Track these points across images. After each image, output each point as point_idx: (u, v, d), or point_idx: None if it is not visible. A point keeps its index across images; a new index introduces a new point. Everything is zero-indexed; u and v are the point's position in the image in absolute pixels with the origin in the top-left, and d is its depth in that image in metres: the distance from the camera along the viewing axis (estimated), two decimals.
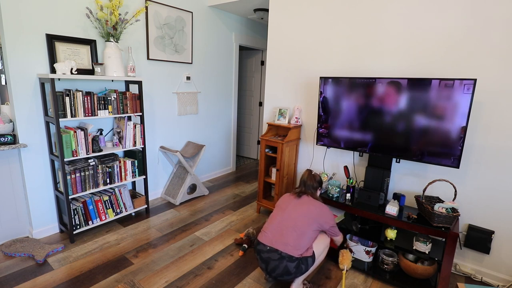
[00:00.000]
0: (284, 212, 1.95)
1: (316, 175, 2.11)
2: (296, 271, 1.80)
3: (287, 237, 1.83)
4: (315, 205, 1.95)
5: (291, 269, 1.78)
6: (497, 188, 2.07)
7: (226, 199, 3.52)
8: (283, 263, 1.78)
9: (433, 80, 1.97)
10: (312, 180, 2.07)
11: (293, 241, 1.81)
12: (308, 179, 2.07)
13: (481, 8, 1.97)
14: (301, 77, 2.95)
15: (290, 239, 1.82)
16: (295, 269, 1.79)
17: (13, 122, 2.29)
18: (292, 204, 1.96)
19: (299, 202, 1.97)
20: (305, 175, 2.10)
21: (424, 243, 2.00)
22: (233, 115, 4.43)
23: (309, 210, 1.91)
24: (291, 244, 1.80)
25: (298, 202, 1.96)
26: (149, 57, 3.06)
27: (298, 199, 1.98)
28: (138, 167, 2.87)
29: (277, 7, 3.00)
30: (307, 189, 2.04)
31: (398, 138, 2.17)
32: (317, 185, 2.08)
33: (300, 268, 1.80)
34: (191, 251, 2.41)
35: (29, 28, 2.21)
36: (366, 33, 2.47)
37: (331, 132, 2.51)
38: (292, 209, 1.93)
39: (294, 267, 1.78)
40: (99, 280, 2.03)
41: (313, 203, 1.96)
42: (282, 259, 1.78)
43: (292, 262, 1.78)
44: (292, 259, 1.78)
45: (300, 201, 1.97)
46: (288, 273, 1.79)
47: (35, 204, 2.45)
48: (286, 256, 1.78)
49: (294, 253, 1.78)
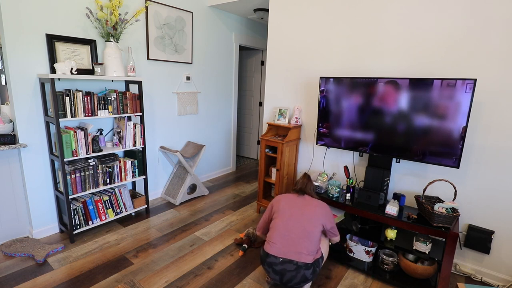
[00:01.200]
0: (290, 218, 1.87)
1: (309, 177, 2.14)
2: (313, 276, 1.81)
3: (299, 246, 1.77)
4: (319, 205, 1.94)
5: (308, 276, 1.78)
6: (497, 188, 2.07)
7: (226, 199, 3.52)
8: (301, 273, 1.75)
9: (433, 80, 1.97)
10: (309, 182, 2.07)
11: (306, 249, 1.77)
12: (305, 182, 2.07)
13: (481, 8, 1.97)
14: (301, 77, 2.95)
15: (303, 247, 1.77)
16: (312, 275, 1.79)
17: (13, 122, 2.29)
18: (297, 208, 1.91)
19: (303, 203, 1.94)
20: (301, 179, 2.10)
21: (424, 243, 2.00)
22: (233, 115, 4.43)
23: (315, 212, 1.90)
24: (305, 252, 1.77)
25: (302, 204, 1.93)
26: (149, 57, 3.06)
27: (301, 199, 1.97)
28: (138, 167, 2.87)
29: (277, 7, 3.00)
30: (307, 191, 2.03)
31: (398, 138, 2.17)
32: (315, 186, 2.16)
33: (315, 271, 1.81)
34: (191, 251, 2.41)
35: (29, 28, 2.21)
36: (366, 33, 2.47)
37: (331, 132, 2.51)
38: (298, 213, 1.88)
39: (311, 273, 1.78)
40: (99, 280, 2.03)
41: (316, 203, 1.95)
42: (299, 269, 1.75)
43: (309, 269, 1.77)
44: (308, 266, 1.76)
45: (304, 202, 1.95)
46: (306, 280, 1.80)
47: (35, 204, 2.45)
48: (302, 265, 1.75)
49: (309, 260, 1.77)
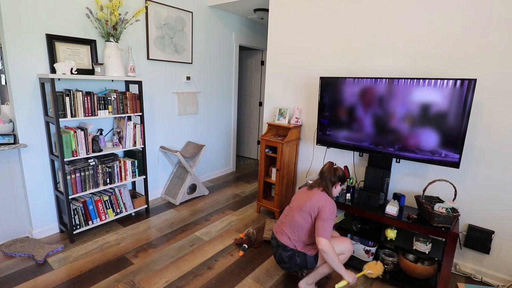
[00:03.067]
0: (291, 203, 1.98)
1: (339, 169, 1.91)
2: (290, 262, 1.84)
3: (282, 227, 1.92)
4: (318, 196, 1.82)
5: (284, 258, 1.86)
6: (497, 188, 2.06)
7: (226, 199, 3.52)
8: (279, 251, 1.89)
9: (433, 80, 1.97)
10: (330, 173, 1.89)
11: (287, 231, 1.88)
12: (326, 170, 1.91)
13: (481, 8, 1.97)
14: (301, 77, 2.95)
15: (285, 229, 1.90)
16: (288, 259, 1.84)
17: (13, 122, 2.29)
18: (299, 196, 1.93)
19: (306, 193, 1.90)
20: (325, 166, 1.94)
21: (424, 243, 2.00)
22: (233, 115, 4.43)
23: (306, 203, 1.82)
24: (285, 234, 1.89)
25: (305, 194, 1.90)
26: (149, 57, 3.06)
27: (308, 191, 1.91)
28: (138, 167, 2.87)
29: (277, 7, 3.00)
30: (322, 182, 1.90)
31: (398, 137, 2.17)
32: (336, 179, 1.88)
33: (295, 259, 1.83)
34: (191, 251, 2.41)
35: (29, 28, 2.21)
36: (366, 33, 2.47)
37: (331, 132, 2.51)
38: (297, 201, 1.92)
39: (287, 256, 1.85)
40: (99, 280, 2.03)
41: (317, 194, 1.83)
42: (278, 247, 1.90)
43: (286, 252, 1.85)
44: (286, 249, 1.85)
45: (307, 193, 1.89)
46: (283, 261, 1.88)
47: (35, 204, 2.45)
48: (281, 245, 1.88)
49: (288, 244, 1.85)
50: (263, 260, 2.33)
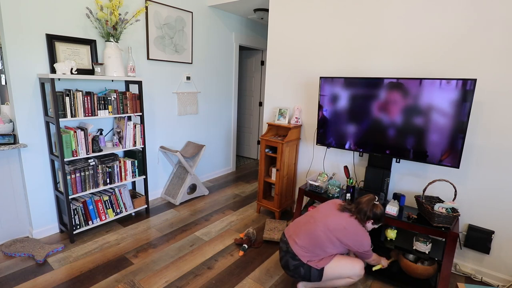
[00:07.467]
0: (314, 212, 1.89)
1: (378, 207, 1.76)
2: (295, 271, 1.81)
3: (299, 236, 1.83)
4: (351, 225, 1.73)
5: (290, 266, 1.82)
6: (497, 188, 2.06)
7: (226, 199, 3.52)
8: (286, 257, 1.84)
9: (433, 80, 1.97)
10: (368, 207, 1.75)
11: (302, 241, 1.80)
12: (365, 202, 1.77)
13: (481, 9, 1.97)
14: (301, 77, 2.95)
15: (301, 238, 1.81)
16: (293, 267, 1.81)
17: (13, 122, 2.29)
18: (327, 210, 1.86)
19: (337, 213, 1.81)
20: (365, 197, 1.81)
21: (424, 243, 2.00)
22: (233, 115, 4.43)
23: (337, 227, 1.74)
24: (299, 244, 1.81)
25: (335, 213, 1.81)
26: (149, 57, 3.06)
27: (338, 211, 1.82)
28: (138, 167, 2.87)
29: (277, 7, 2.99)
30: (356, 211, 1.78)
31: (398, 138, 2.17)
32: (371, 215, 1.74)
33: (299, 270, 1.79)
34: (191, 251, 2.41)
35: (29, 28, 2.21)
36: (366, 33, 2.47)
37: (331, 132, 2.51)
38: (323, 214, 1.84)
39: (293, 265, 1.80)
40: (99, 280, 2.03)
41: (349, 222, 1.74)
42: (287, 253, 1.84)
43: (293, 260, 1.80)
44: (295, 258, 1.80)
45: (339, 214, 1.79)
46: (288, 268, 1.84)
47: (35, 204, 2.45)
48: (290, 252, 1.82)
49: (299, 254, 1.78)
50: (263, 260, 2.33)
